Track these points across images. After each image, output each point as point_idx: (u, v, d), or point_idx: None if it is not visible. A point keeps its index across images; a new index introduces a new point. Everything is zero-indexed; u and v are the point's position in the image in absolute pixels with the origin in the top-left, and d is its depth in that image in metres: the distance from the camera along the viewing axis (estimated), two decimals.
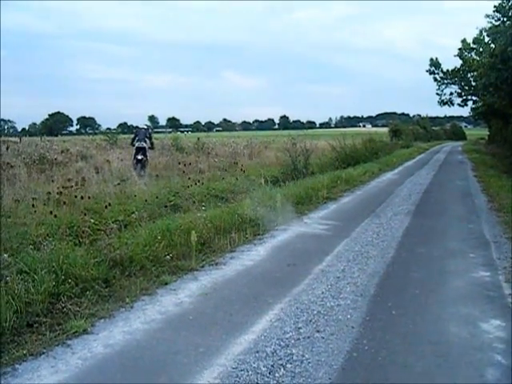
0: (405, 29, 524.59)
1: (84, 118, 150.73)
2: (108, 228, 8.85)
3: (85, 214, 9.54)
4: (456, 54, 49.10)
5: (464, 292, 7.47)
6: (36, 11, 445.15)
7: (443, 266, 8.85)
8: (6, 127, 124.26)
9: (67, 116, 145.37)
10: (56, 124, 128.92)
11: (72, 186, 11.80)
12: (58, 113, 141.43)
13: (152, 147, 19.42)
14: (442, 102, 54.31)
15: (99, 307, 6.51)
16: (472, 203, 15.98)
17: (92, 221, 9.19)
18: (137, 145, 18.41)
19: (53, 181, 13.90)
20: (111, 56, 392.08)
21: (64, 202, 10.51)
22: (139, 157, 18.01)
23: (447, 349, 5.55)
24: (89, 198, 10.97)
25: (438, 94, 54.42)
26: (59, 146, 25.84)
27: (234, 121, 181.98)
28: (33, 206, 9.96)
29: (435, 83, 53.89)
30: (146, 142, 18.49)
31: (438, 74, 53.41)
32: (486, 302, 6.96)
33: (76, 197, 10.82)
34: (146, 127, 19.81)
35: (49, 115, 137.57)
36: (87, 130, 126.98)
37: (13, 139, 28.24)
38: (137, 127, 19.75)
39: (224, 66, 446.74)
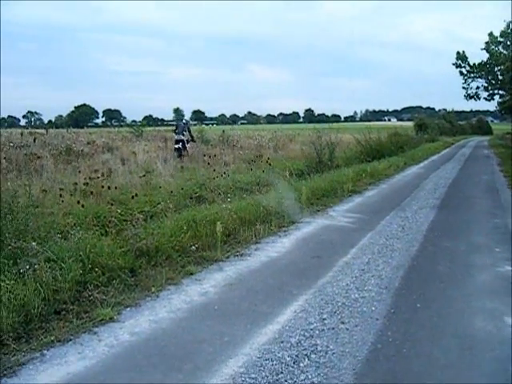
0: (431, 21, 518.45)
1: (109, 110, 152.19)
2: (134, 218, 8.91)
3: (111, 205, 9.62)
4: (483, 47, 48.68)
5: (489, 286, 7.42)
6: (60, 4, 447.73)
7: (468, 259, 8.80)
8: (32, 119, 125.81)
9: (93, 108, 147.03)
10: (82, 116, 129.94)
11: (98, 177, 11.90)
12: (84, 105, 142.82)
13: (193, 140, 22.46)
14: (469, 96, 54.02)
15: (125, 296, 6.58)
16: (498, 198, 15.85)
17: (118, 211, 9.27)
18: (176, 137, 21.62)
19: (79, 172, 14.03)
20: (136, 48, 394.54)
21: (91, 193, 10.61)
22: (176, 146, 21.07)
23: (472, 342, 5.53)
24: (115, 188, 11.06)
25: (464, 87, 54.15)
26: (85, 138, 26.13)
27: (258, 114, 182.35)
28: (60, 196, 10.05)
29: (461, 77, 53.57)
30: (183, 134, 21.31)
31: (464, 67, 53.06)
32: None
33: (102, 187, 10.93)
34: (184, 122, 22.96)
35: (75, 107, 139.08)
36: (113, 122, 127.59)
37: (39, 131, 28.44)
38: (176, 121, 23.20)
39: (249, 59, 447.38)
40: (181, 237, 8.49)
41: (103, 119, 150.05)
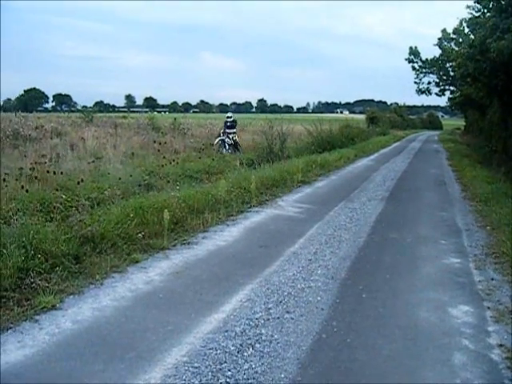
0: (386, 16, 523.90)
1: (60, 95, 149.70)
2: (80, 204, 8.78)
3: (57, 190, 9.47)
4: (435, 43, 49.20)
5: (434, 278, 7.52)
6: None
7: (415, 251, 8.90)
8: None
9: (43, 92, 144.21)
10: (31, 100, 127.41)
11: (45, 162, 11.70)
12: (34, 89, 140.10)
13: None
14: (420, 91, 54.52)
15: (69, 283, 6.45)
16: (446, 191, 16.09)
17: (64, 197, 9.11)
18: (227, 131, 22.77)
19: (26, 156, 13.75)
20: (88, 34, 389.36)
21: (35, 177, 10.40)
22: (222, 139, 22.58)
23: (416, 333, 5.59)
24: (61, 173, 10.86)
25: (416, 82, 54.58)
26: (34, 122, 25.55)
27: (211, 102, 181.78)
28: (4, 180, 9.81)
29: (414, 72, 54.07)
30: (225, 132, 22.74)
31: (416, 62, 53.50)
32: (456, 288, 7.02)
33: (48, 172, 10.72)
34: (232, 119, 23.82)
35: (24, 91, 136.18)
36: (63, 107, 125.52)
37: None
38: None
39: (203, 47, 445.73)
40: (127, 224, 8.36)
41: (53, 104, 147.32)
